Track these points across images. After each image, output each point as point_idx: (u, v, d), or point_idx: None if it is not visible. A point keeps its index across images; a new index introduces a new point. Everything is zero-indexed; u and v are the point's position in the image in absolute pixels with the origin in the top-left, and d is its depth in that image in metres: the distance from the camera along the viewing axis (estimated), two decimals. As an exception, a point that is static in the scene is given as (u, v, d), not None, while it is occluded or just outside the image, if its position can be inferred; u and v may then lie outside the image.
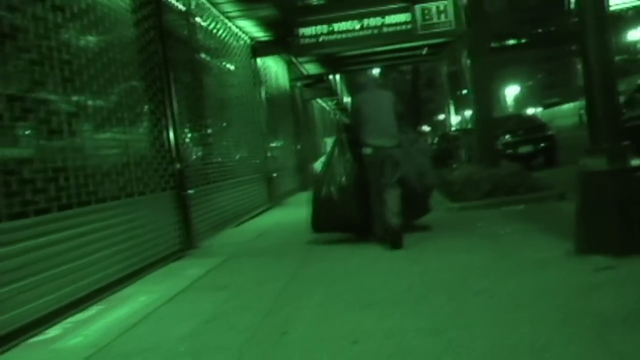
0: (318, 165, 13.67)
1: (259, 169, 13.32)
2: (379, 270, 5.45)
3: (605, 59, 5.01)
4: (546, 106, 57.39)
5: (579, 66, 68.92)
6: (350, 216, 7.17)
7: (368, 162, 6.89)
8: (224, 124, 11.27)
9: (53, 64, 5.27)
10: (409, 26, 13.95)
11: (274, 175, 14.21)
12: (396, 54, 17.64)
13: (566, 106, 57.82)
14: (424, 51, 17.42)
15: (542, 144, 16.84)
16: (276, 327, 4.01)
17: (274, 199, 13.98)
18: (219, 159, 10.36)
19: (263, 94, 14.36)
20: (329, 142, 13.83)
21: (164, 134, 7.55)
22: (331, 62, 18.01)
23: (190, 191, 8.02)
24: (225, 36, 11.86)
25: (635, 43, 56.84)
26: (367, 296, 4.52)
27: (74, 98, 5.72)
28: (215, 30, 11.17)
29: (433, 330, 3.57)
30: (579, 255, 4.99)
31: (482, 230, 7.01)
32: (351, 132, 7.26)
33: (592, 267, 4.57)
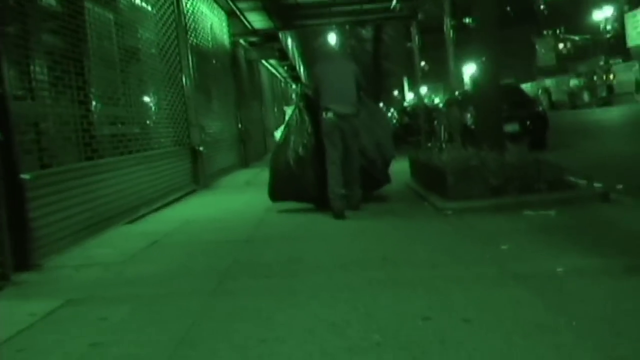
0: (277, 134, 11.63)
1: (179, 141, 10.10)
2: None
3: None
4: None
5: (538, 47, 68.27)
6: (308, 186, 7.03)
7: (326, 128, 6.67)
8: (119, 78, 7.95)
9: None
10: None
11: (201, 149, 10.98)
12: (360, 6, 14.47)
13: (523, 86, 55.87)
14: (394, 3, 14.30)
15: (530, 123, 14.11)
16: None
17: (201, 180, 10.79)
18: (105, 125, 7.14)
19: (189, 46, 11.06)
20: (289, 111, 11.91)
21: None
22: (281, 12, 14.76)
23: (24, 176, 4.81)
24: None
25: (598, 23, 55.23)
26: None
27: None
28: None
29: None
30: None
31: (514, 265, 3.98)
32: (311, 100, 7.09)
33: None
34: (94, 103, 6.85)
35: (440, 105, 17.47)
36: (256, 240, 5.70)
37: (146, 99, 8.92)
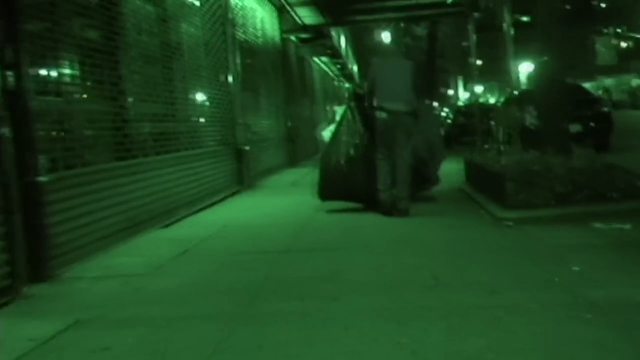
0: (326, 133, 11.66)
1: (223, 139, 9.70)
2: None
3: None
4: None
5: (598, 45, 66.00)
6: (357, 186, 6.98)
7: (379, 127, 6.63)
8: (159, 74, 7.56)
9: None
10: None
11: (247, 148, 10.57)
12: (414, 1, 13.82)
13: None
14: (450, -1, 13.62)
15: (594, 123, 13.21)
16: None
17: (245, 180, 10.38)
18: (142, 124, 6.77)
19: (236, 42, 10.66)
20: (340, 110, 11.63)
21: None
22: (332, 7, 14.25)
23: (40, 178, 4.43)
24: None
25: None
26: None
27: None
28: None
29: None
30: None
31: (590, 292, 3.36)
32: (364, 99, 7.07)
33: None
34: (129, 100, 6.49)
35: (497, 104, 16.63)
36: (294, 250, 5.22)
37: (188, 96, 8.55)
